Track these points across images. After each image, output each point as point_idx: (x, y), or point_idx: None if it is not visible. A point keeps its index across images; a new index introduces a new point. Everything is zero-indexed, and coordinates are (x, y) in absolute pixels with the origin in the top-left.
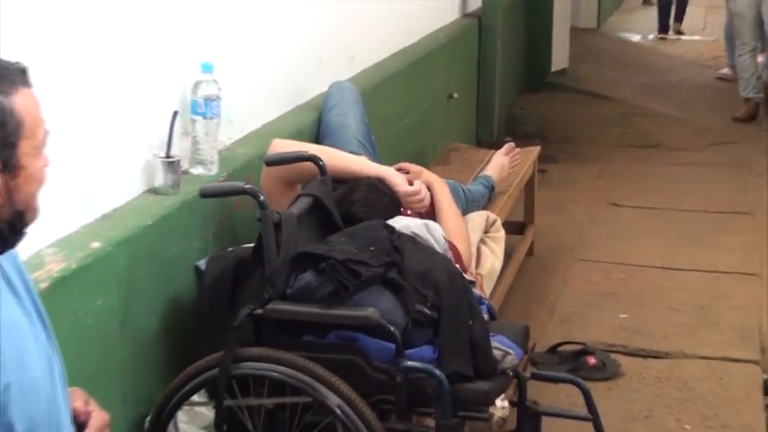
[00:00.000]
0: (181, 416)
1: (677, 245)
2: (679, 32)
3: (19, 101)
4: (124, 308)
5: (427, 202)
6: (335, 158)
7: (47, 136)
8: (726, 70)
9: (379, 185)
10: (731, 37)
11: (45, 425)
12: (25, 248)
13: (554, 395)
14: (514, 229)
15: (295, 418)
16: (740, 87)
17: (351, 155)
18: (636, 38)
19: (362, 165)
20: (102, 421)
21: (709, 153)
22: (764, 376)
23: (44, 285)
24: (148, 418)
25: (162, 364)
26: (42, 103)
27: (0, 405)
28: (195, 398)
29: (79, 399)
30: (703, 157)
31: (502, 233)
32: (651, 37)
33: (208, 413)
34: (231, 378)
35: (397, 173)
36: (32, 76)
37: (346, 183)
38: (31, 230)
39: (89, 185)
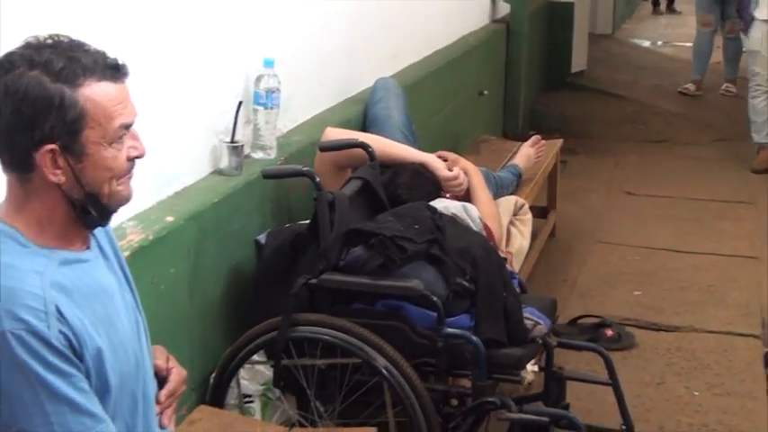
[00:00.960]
0: (242, 374)
1: (686, 230)
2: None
3: (87, 93)
4: (192, 276)
5: (465, 186)
6: (383, 145)
7: (123, 130)
8: (689, 85)
9: (421, 171)
10: (699, 55)
11: (132, 378)
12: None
13: (574, 363)
14: (538, 213)
15: (345, 378)
16: (753, 132)
17: (396, 142)
18: (646, 44)
19: (407, 151)
20: (181, 377)
21: (714, 148)
22: (765, 349)
23: (125, 255)
24: (213, 375)
25: (225, 328)
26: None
27: (96, 361)
28: (255, 357)
29: (161, 356)
30: (709, 151)
31: (529, 216)
32: (660, 43)
33: (267, 372)
34: (288, 340)
35: (438, 159)
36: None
37: (392, 168)
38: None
39: (165, 166)
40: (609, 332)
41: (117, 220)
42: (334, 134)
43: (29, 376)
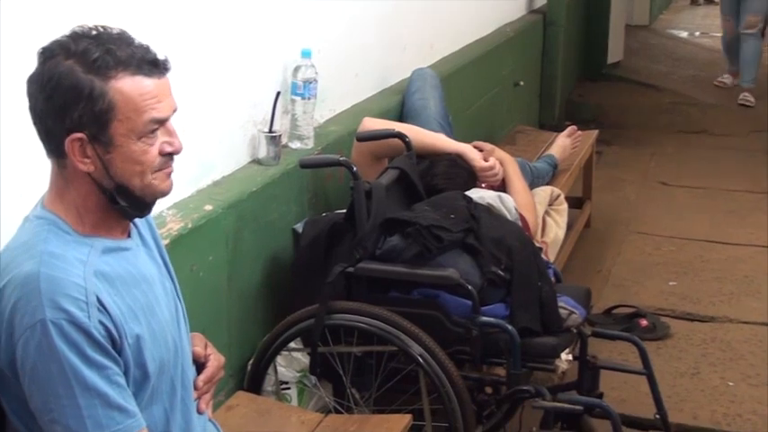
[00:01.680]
0: (279, 360)
1: (722, 221)
2: None
3: (118, 85)
4: (231, 264)
5: (501, 176)
6: (420, 135)
7: (154, 125)
8: (726, 77)
9: (457, 161)
10: (729, 49)
11: (171, 364)
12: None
13: (608, 352)
14: (573, 203)
15: (381, 366)
16: None
17: (433, 132)
18: (684, 35)
19: (444, 141)
20: (219, 363)
21: (751, 139)
22: None
23: (165, 243)
24: (251, 361)
25: (263, 315)
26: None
27: (135, 348)
28: (292, 345)
29: (200, 343)
30: (745, 142)
31: (565, 206)
32: (698, 34)
33: (303, 359)
34: (325, 328)
35: (474, 149)
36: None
37: (428, 158)
38: (154, 206)
39: (204, 155)
40: (643, 322)
41: (157, 208)
42: (372, 124)
43: (65, 367)
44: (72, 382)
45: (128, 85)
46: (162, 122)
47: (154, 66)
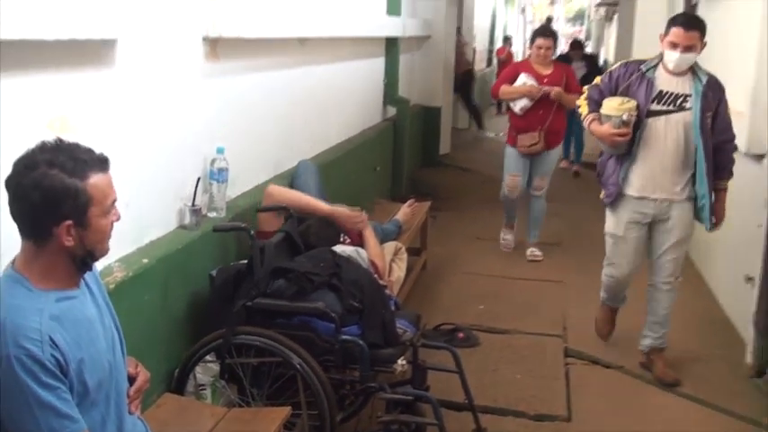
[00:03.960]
0: (198, 369)
1: (515, 263)
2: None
3: (92, 182)
4: (162, 301)
5: (365, 221)
6: (305, 200)
7: (113, 202)
8: (507, 237)
9: (328, 223)
10: (511, 205)
11: (107, 380)
12: (101, 263)
13: (437, 358)
14: (414, 252)
15: (271, 372)
16: None
17: (315, 199)
18: (491, 135)
19: (322, 206)
20: (146, 377)
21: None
22: (564, 345)
23: (112, 287)
24: (176, 371)
25: (185, 336)
26: (115, 180)
27: (78, 370)
28: (207, 357)
29: (132, 364)
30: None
31: (405, 255)
32: (501, 134)
33: (215, 368)
34: (231, 345)
35: (344, 209)
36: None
37: (307, 220)
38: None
39: (142, 222)
40: (461, 335)
41: (106, 261)
42: (275, 190)
43: (24, 389)
44: (30, 400)
45: (96, 181)
46: (114, 202)
47: (104, 162)
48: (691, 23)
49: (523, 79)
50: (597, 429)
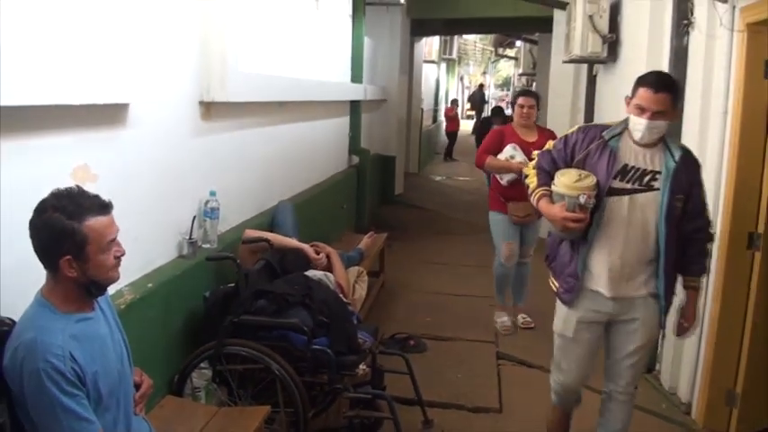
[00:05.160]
0: (194, 374)
1: (458, 282)
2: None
3: (89, 224)
4: (164, 318)
5: (325, 262)
6: (279, 238)
7: (111, 242)
8: (504, 319)
9: (300, 254)
10: (504, 281)
11: (117, 388)
12: (114, 287)
13: (393, 362)
14: (374, 275)
15: (254, 376)
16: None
17: (287, 237)
18: (438, 178)
19: (294, 242)
20: (149, 384)
21: (476, 236)
22: (496, 349)
23: (123, 307)
24: (176, 376)
25: (183, 347)
26: (125, 218)
27: (93, 381)
28: (202, 365)
29: (137, 373)
30: (472, 238)
31: (366, 278)
32: (445, 177)
33: (208, 373)
34: (221, 354)
35: (310, 248)
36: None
37: (282, 251)
38: (111, 288)
39: (148, 253)
40: (412, 342)
41: (117, 286)
42: (251, 232)
43: (50, 397)
44: (55, 405)
45: (93, 223)
46: (114, 240)
47: (105, 208)
48: (661, 84)
49: (510, 152)
50: (524, 418)
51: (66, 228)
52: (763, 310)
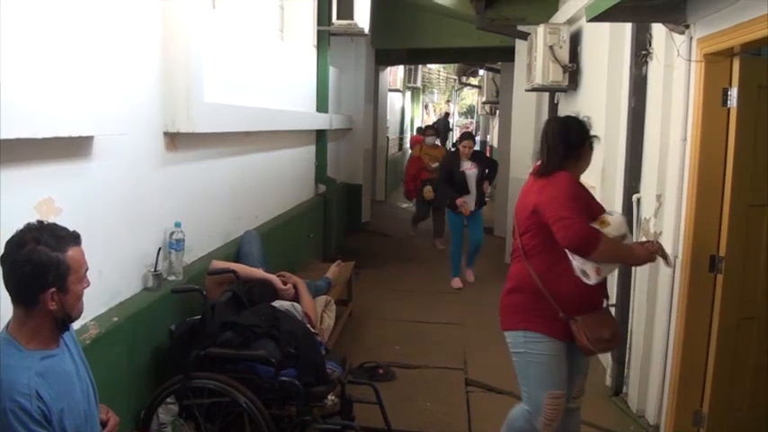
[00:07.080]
0: (160, 410)
1: (424, 309)
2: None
3: (70, 254)
4: (130, 352)
5: (292, 292)
6: (246, 269)
7: (86, 270)
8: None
9: (267, 284)
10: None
11: (83, 427)
12: (78, 322)
13: (361, 392)
14: (342, 303)
15: (221, 410)
16: None
17: (254, 268)
18: (405, 205)
19: (260, 273)
20: (116, 421)
21: (437, 259)
22: (465, 376)
23: (88, 342)
24: (143, 411)
25: (150, 382)
26: (89, 251)
27: (59, 419)
28: (168, 399)
29: (104, 410)
30: (437, 264)
31: (334, 306)
32: (407, 205)
33: (175, 408)
34: (188, 388)
35: (277, 278)
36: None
37: (249, 282)
38: (76, 323)
39: (112, 286)
40: (380, 371)
41: (82, 321)
42: (217, 263)
43: None
44: None
45: (73, 254)
46: (87, 269)
47: (77, 238)
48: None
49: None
50: None
51: (52, 259)
52: (727, 332)
